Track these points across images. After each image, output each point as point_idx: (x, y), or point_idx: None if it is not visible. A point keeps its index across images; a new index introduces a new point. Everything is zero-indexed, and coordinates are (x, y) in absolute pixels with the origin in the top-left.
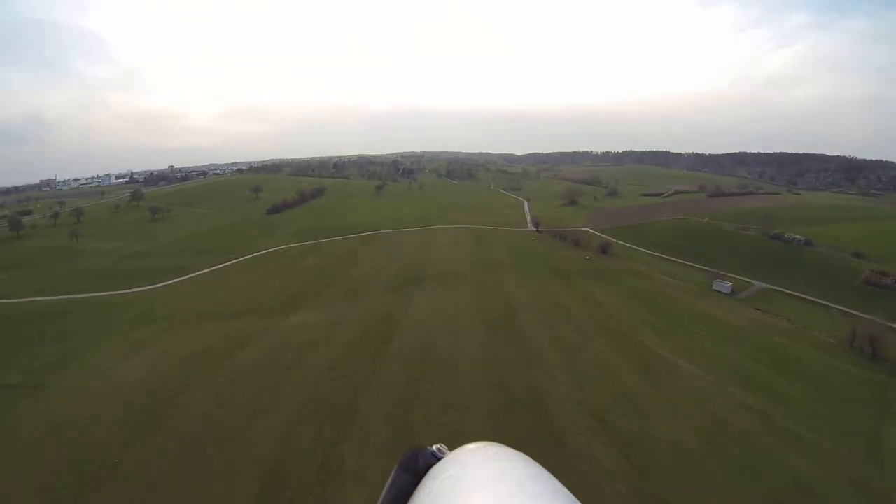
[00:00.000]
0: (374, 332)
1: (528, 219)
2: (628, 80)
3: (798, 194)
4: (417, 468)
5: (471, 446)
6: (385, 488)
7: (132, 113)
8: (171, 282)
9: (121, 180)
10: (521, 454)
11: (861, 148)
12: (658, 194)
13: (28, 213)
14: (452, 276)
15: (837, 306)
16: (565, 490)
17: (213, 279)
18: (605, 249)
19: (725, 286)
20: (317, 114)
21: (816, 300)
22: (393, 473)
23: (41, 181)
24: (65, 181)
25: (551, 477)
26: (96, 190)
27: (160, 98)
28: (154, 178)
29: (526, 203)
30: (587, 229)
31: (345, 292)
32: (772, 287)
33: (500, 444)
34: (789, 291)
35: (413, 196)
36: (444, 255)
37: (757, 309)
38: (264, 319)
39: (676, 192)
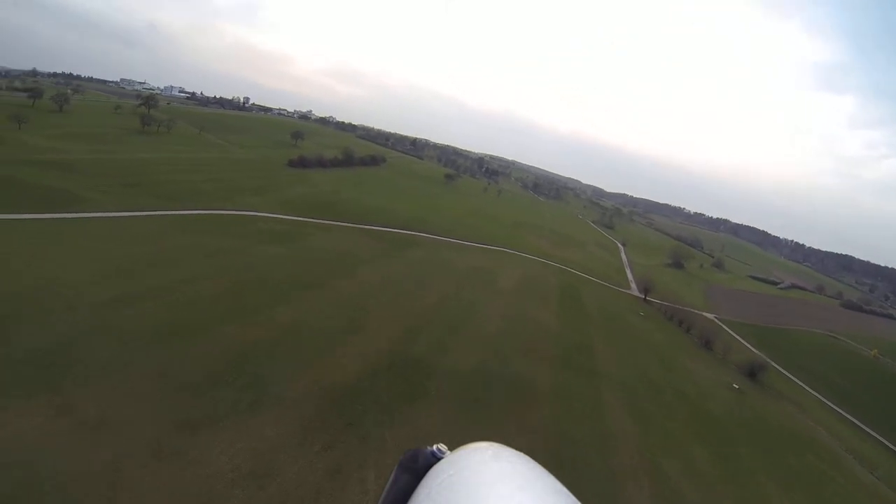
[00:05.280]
0: None
1: (630, 274)
2: (730, 146)
3: None
4: (417, 468)
5: (471, 446)
6: (385, 488)
7: (243, 46)
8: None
9: (182, 94)
10: (522, 454)
11: None
12: (772, 282)
13: (39, 92)
14: (498, 383)
15: None
16: (566, 490)
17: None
18: (753, 372)
19: None
20: (418, 95)
21: None
22: (393, 473)
23: (121, 79)
24: (133, 83)
25: (552, 477)
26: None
27: (272, 39)
28: (210, 101)
29: (622, 249)
30: (711, 317)
31: (233, 374)
32: None
33: (500, 444)
34: None
35: (488, 200)
36: (500, 312)
37: None
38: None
39: (794, 287)
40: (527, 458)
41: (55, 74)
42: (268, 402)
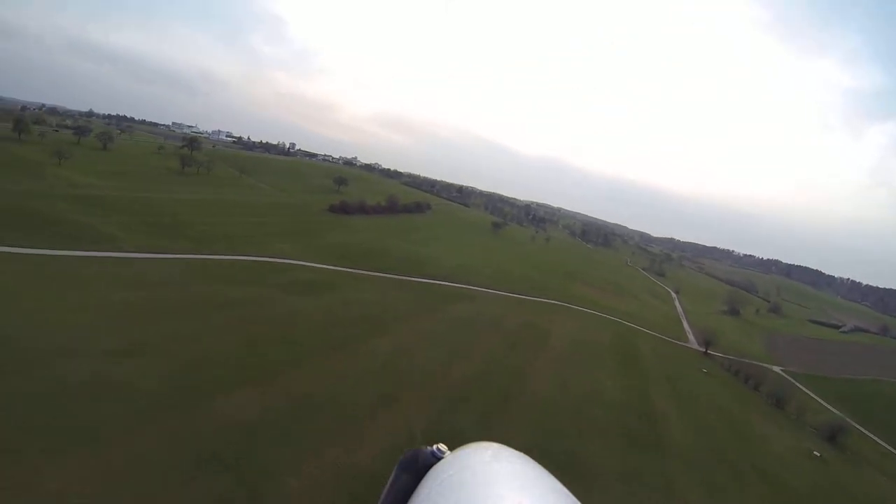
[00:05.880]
0: None
1: (686, 325)
2: (776, 181)
3: None
4: (417, 468)
5: (471, 446)
6: (385, 488)
7: (293, 94)
8: None
9: (229, 139)
10: (522, 454)
11: None
12: (834, 326)
13: (86, 130)
14: (552, 464)
15: None
16: (566, 490)
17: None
18: (833, 435)
19: None
20: (466, 142)
21: None
22: (393, 473)
23: (172, 123)
24: (183, 126)
25: (552, 477)
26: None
27: (322, 88)
28: (255, 146)
29: (675, 297)
30: (777, 370)
31: None
32: None
33: (500, 444)
34: None
35: (537, 249)
36: (553, 375)
37: None
38: None
39: (857, 329)
40: (527, 458)
41: (109, 116)
42: (271, 496)
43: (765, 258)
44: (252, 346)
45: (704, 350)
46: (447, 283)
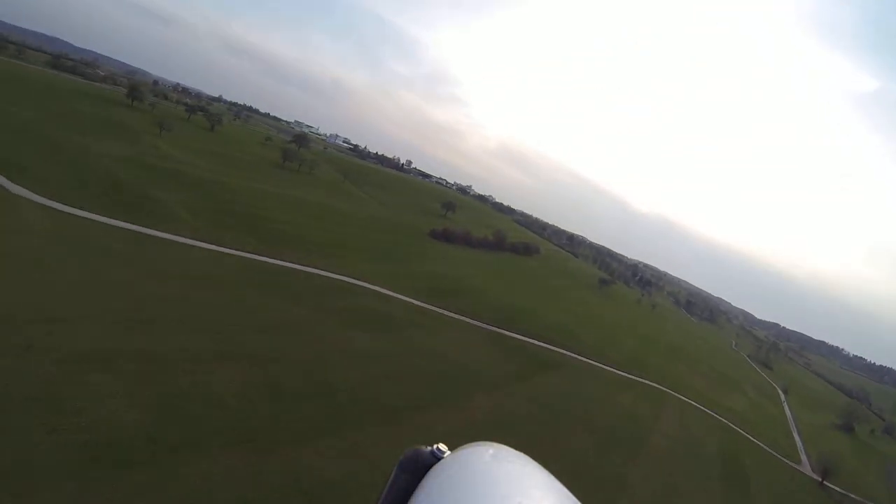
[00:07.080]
0: None
1: (797, 438)
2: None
3: None
4: (417, 468)
5: (471, 446)
6: (385, 488)
7: (418, 114)
8: None
9: (345, 144)
10: (522, 454)
11: None
12: None
13: (201, 110)
14: None
15: None
16: (566, 490)
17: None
18: None
19: None
20: (582, 190)
21: None
22: (393, 473)
23: (295, 121)
24: (303, 125)
25: (551, 477)
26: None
27: (448, 114)
28: (369, 156)
29: (783, 397)
30: None
31: None
32: None
33: (500, 444)
34: None
35: (642, 315)
36: (649, 495)
37: None
38: None
39: None
40: (527, 458)
41: (236, 104)
42: None
43: (877, 364)
44: (269, 390)
45: (821, 480)
46: (542, 345)
